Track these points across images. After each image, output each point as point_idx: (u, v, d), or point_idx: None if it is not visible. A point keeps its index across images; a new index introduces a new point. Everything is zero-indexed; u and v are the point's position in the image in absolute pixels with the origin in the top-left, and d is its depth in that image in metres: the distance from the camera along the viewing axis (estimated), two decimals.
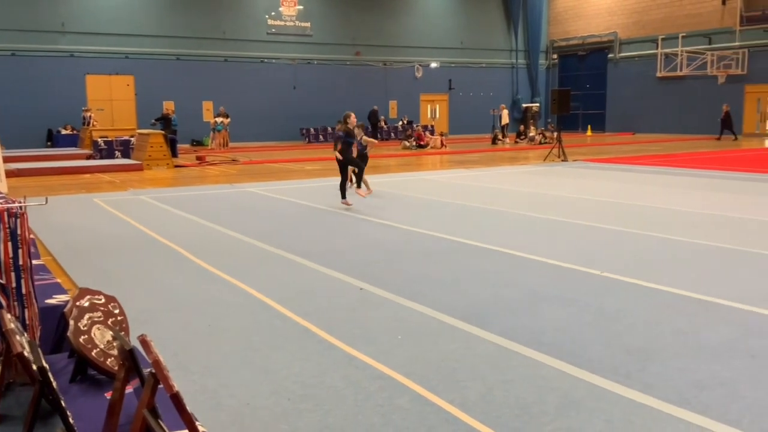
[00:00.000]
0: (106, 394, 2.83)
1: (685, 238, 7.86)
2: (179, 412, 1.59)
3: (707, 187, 12.84)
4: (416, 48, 35.44)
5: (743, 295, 5.42)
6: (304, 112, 32.02)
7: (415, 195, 12.30)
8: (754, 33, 30.75)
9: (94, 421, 2.60)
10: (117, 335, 2.44)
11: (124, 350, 2.18)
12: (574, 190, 12.71)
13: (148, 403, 1.78)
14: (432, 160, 21.82)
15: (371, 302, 5.45)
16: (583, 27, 38.29)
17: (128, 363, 2.14)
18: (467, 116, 36.70)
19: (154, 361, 1.74)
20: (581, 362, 4.08)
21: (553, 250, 7.29)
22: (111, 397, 2.29)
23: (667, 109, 33.93)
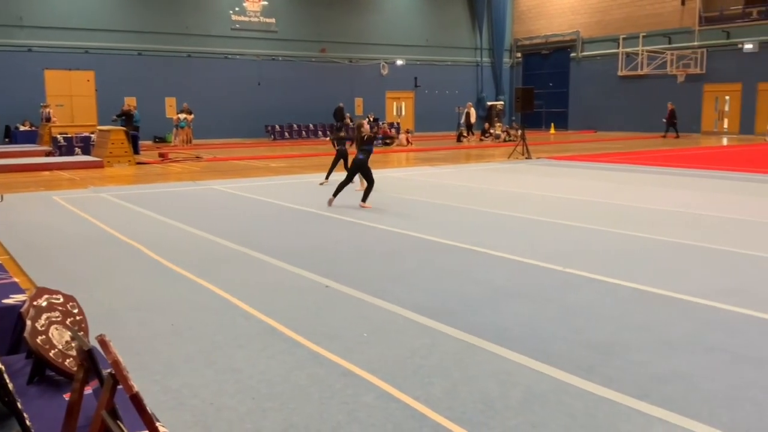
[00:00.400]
0: (64, 395, 2.77)
1: (647, 234, 8.00)
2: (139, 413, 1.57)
3: (668, 184, 13.10)
4: (382, 45, 35.46)
5: (702, 290, 5.54)
6: (269, 109, 31.79)
7: (380, 192, 12.30)
8: (713, 33, 31.48)
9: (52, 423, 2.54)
10: (75, 335, 2.38)
11: (83, 351, 2.14)
12: (538, 187, 12.85)
13: (107, 404, 1.75)
14: (398, 157, 21.86)
15: (337, 300, 5.44)
16: (546, 26, 38.75)
17: (87, 364, 2.09)
18: (433, 114, 36.86)
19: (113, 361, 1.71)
20: (545, 357, 4.12)
21: (517, 246, 7.36)
22: (69, 399, 2.24)
23: (628, 108, 34.53)
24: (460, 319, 4.88)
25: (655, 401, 3.50)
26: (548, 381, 3.78)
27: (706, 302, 5.21)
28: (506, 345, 4.34)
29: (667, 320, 4.81)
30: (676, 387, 3.68)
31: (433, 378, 3.83)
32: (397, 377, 3.84)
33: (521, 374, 3.88)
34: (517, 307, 5.19)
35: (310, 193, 12.37)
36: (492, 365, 4.02)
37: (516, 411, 3.41)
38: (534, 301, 5.34)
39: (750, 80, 30.20)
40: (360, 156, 10.40)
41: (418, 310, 5.10)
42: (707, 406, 3.43)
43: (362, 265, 6.63)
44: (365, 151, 10.40)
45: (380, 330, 4.68)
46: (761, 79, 29.60)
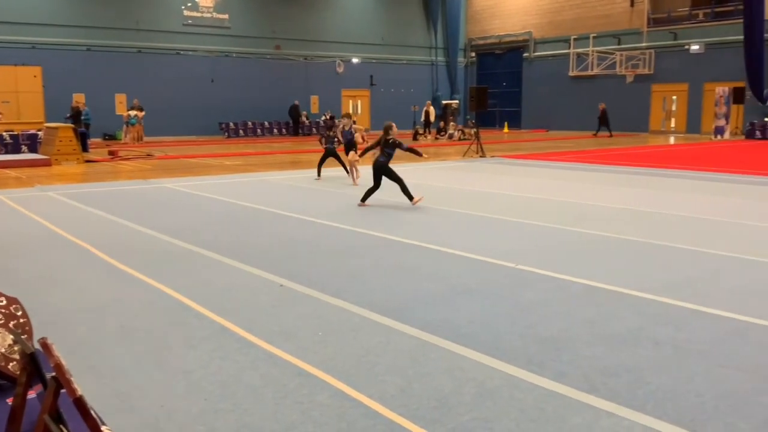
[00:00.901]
0: (7, 399, 2.69)
1: (596, 231, 8.17)
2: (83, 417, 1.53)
3: (617, 182, 13.40)
4: (337, 43, 35.38)
5: (649, 285, 5.69)
6: (223, 106, 31.41)
7: (335, 190, 12.29)
8: (660, 34, 32.31)
9: None
10: (18, 339, 2.32)
11: (25, 354, 2.08)
12: (492, 185, 13.00)
13: (51, 409, 1.70)
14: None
15: (292, 299, 5.41)
16: (500, 26, 39.21)
17: (30, 367, 2.04)
18: (388, 112, 36.84)
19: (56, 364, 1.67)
20: (497, 353, 4.18)
21: (471, 244, 7.43)
22: (12, 403, 2.17)
23: (579, 107, 35.19)
24: (414, 317, 4.90)
25: (603, 395, 3.58)
26: (501, 376, 3.83)
27: (653, 297, 5.35)
28: (460, 342, 4.38)
29: (616, 315, 4.92)
30: (624, 380, 3.77)
31: (387, 376, 3.84)
32: (351, 376, 3.84)
33: (474, 370, 3.92)
34: (470, 304, 5.25)
35: (265, 191, 12.27)
36: (446, 362, 4.06)
37: (469, 407, 3.45)
38: (487, 297, 5.40)
39: (696, 80, 31.10)
40: (381, 159, 10.30)
41: (373, 308, 5.11)
42: (653, 399, 3.53)
43: (317, 264, 6.60)
44: (387, 154, 10.31)
45: (335, 329, 4.67)
46: (707, 79, 30.51)
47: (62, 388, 1.68)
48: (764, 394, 3.56)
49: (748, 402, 3.48)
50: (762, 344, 4.33)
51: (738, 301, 5.25)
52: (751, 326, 4.67)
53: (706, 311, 5.00)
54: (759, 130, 27.41)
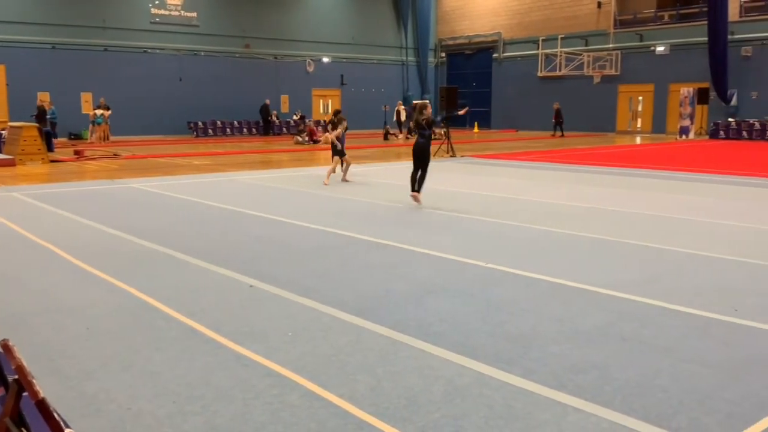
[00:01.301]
0: None
1: (564, 229, 8.27)
2: (45, 420, 1.51)
3: (584, 181, 13.57)
4: (308, 42, 35.25)
5: (615, 282, 5.77)
6: (191, 105, 31.09)
7: (306, 190, 12.25)
8: (627, 35, 32.80)
9: None
10: None
11: None
12: (462, 184, 13.08)
13: (12, 412, 1.67)
14: (325, 155, 21.77)
15: (261, 299, 5.38)
16: (469, 27, 39.44)
17: None
18: (359, 112, 36.87)
19: (17, 366, 1.63)
20: (466, 351, 4.20)
21: (441, 243, 7.46)
22: None
23: (548, 108, 35.51)
24: (384, 316, 4.91)
25: (571, 391, 3.62)
26: (470, 374, 3.86)
27: (620, 294, 5.43)
28: (430, 340, 4.40)
29: (583, 312, 4.99)
30: (591, 376, 3.82)
31: (357, 375, 3.84)
32: (321, 375, 3.83)
33: (444, 368, 3.94)
34: (440, 302, 5.27)
35: (234, 191, 12.18)
36: (416, 360, 4.07)
37: (438, 404, 3.46)
38: (457, 296, 5.43)
39: (662, 81, 31.63)
40: (420, 141, 10.01)
41: (343, 307, 5.11)
42: (620, 394, 3.58)
43: (287, 264, 6.57)
44: (424, 135, 10.00)
45: (305, 329, 4.65)
46: (672, 80, 31.04)
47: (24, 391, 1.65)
48: (727, 389, 3.64)
49: (712, 397, 3.55)
50: (725, 340, 4.42)
51: (702, 297, 5.35)
52: (714, 322, 4.77)
53: (671, 308, 5.08)
54: (723, 130, 27.98)
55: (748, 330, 4.61)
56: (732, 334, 4.54)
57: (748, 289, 5.61)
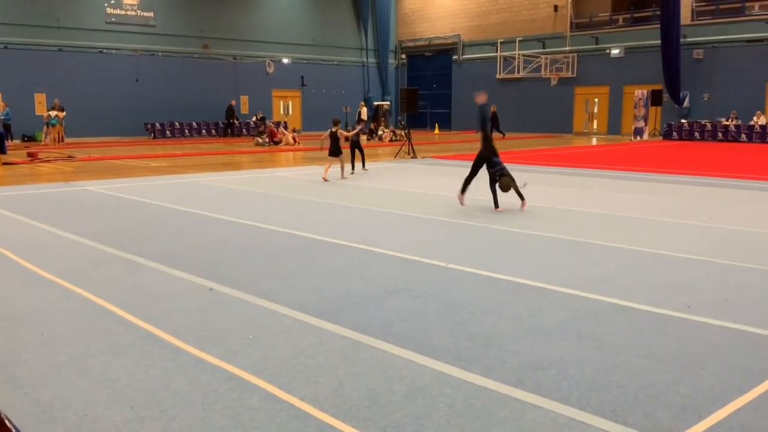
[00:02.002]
0: None
1: (523, 229, 8.38)
2: None
3: (542, 181, 13.76)
4: (267, 43, 35.03)
5: (572, 280, 5.88)
6: (148, 106, 30.61)
7: (267, 192, 12.17)
8: (583, 38, 33.39)
9: None
10: None
11: None
12: (423, 185, 13.15)
13: None
14: (286, 156, 21.67)
15: (221, 302, 5.32)
16: (429, 29, 39.68)
17: None
18: (320, 113, 36.78)
19: None
20: (427, 350, 4.23)
21: (402, 244, 7.49)
22: None
23: (506, 109, 35.93)
24: (346, 317, 4.91)
25: (529, 388, 3.68)
26: (431, 373, 3.89)
27: (576, 292, 5.53)
28: (391, 340, 4.42)
29: (541, 310, 5.06)
30: (549, 373, 3.88)
31: (318, 377, 3.84)
32: (282, 378, 3.82)
33: (405, 368, 3.96)
34: (402, 302, 5.29)
35: (193, 193, 12.03)
36: (377, 361, 4.08)
37: (400, 405, 3.48)
38: (418, 296, 5.46)
39: (617, 83, 32.28)
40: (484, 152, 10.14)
41: (304, 309, 5.09)
42: (577, 391, 3.65)
43: (248, 266, 6.52)
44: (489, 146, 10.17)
45: (266, 331, 4.63)
46: (627, 82, 31.70)
47: None
48: (681, 384, 3.73)
49: (666, 392, 3.64)
50: (678, 336, 4.53)
51: (656, 295, 5.48)
52: (668, 318, 4.89)
53: (626, 305, 5.20)
54: (676, 131, 28.67)
55: (700, 326, 4.74)
56: (685, 330, 4.66)
57: (701, 286, 5.76)
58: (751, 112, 27.40)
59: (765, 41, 27.79)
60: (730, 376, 3.82)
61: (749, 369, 3.93)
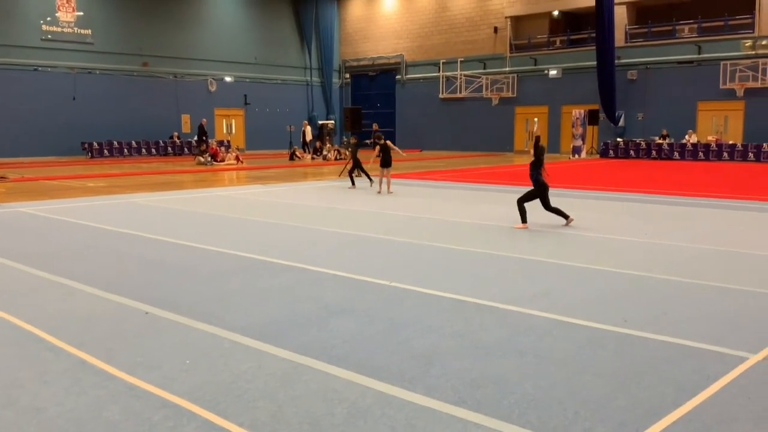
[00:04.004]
0: None
1: (465, 247, 8.44)
2: None
3: (484, 199, 13.94)
4: (209, 61, 34.68)
5: (513, 297, 5.93)
6: (86, 125, 29.84)
7: (208, 212, 11.94)
8: (522, 60, 34.18)
9: None
10: None
11: None
12: (366, 204, 13.14)
13: None
14: (228, 176, 21.38)
15: (158, 327, 5.17)
16: (373, 48, 39.99)
17: None
18: (264, 132, 36.55)
19: None
20: (370, 371, 4.19)
21: (345, 263, 7.45)
22: None
23: (449, 128, 36.50)
24: (287, 339, 4.83)
25: (471, 406, 3.67)
26: (373, 394, 3.84)
27: (517, 309, 5.58)
28: (333, 362, 4.36)
29: (483, 327, 5.09)
30: (490, 391, 3.89)
31: (258, 401, 3.75)
32: (220, 404, 3.71)
33: (347, 390, 3.91)
34: (344, 323, 5.24)
35: (132, 214, 11.72)
36: (319, 384, 4.01)
37: (341, 427, 3.42)
38: (361, 316, 5.42)
39: (555, 103, 33.11)
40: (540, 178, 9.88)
41: (244, 332, 4.99)
42: (517, 408, 3.66)
43: (186, 289, 6.36)
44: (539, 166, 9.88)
45: (204, 356, 4.50)
46: (565, 102, 32.55)
47: None
48: (619, 398, 3.79)
49: (605, 406, 3.68)
50: (616, 351, 4.61)
51: (594, 309, 5.58)
52: (606, 334, 4.97)
53: (565, 320, 5.27)
54: (612, 149, 29.52)
55: (637, 340, 4.84)
56: (622, 344, 4.75)
57: (638, 301, 5.90)
58: (683, 130, 28.47)
59: (694, 63, 29.00)
60: (665, 390, 3.90)
61: (684, 382, 4.02)
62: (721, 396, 3.79)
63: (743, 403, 3.68)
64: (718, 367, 4.24)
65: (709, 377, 4.06)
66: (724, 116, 28.72)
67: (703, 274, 6.87)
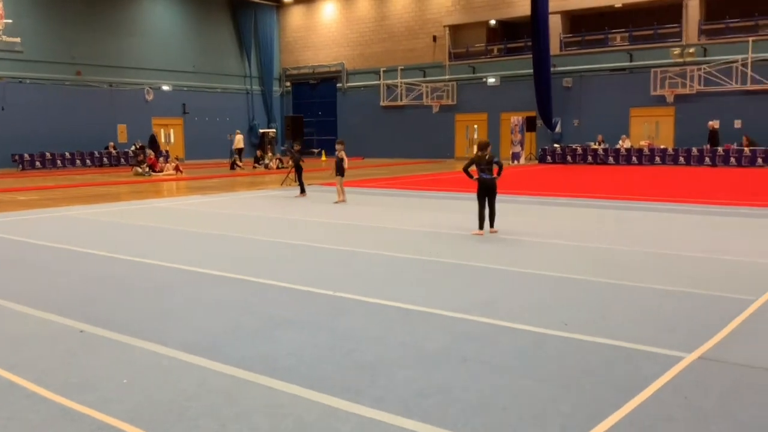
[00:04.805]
0: None
1: (407, 254, 8.46)
2: None
3: (426, 206, 14.04)
4: (146, 70, 33.93)
5: (456, 304, 5.97)
6: (16, 136, 28.76)
7: (147, 224, 11.64)
8: (461, 68, 34.65)
9: None
10: None
11: None
12: (308, 213, 13.05)
13: None
14: (168, 186, 20.93)
15: (94, 345, 4.99)
16: (313, 57, 39.89)
17: None
18: (204, 141, 35.96)
19: None
20: (315, 384, 4.14)
21: (289, 273, 7.36)
22: None
23: (391, 136, 36.67)
24: (230, 354, 4.73)
25: (418, 416, 3.66)
26: (319, 408, 3.79)
27: (460, 315, 5.62)
28: (277, 376, 4.29)
29: (427, 336, 5.10)
30: (436, 400, 3.89)
31: (200, 420, 3.65)
32: (160, 423, 3.60)
33: (292, 404, 3.85)
34: (288, 335, 5.17)
35: (65, 227, 11.32)
36: (263, 399, 3.94)
37: None
38: (305, 328, 5.36)
39: (494, 110, 33.67)
40: (485, 176, 10.10)
41: (185, 348, 4.86)
42: (463, 416, 3.67)
43: (124, 305, 6.17)
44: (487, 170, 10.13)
45: (143, 374, 4.37)
46: (503, 109, 33.14)
47: None
48: (561, 402, 3.85)
49: (548, 411, 3.73)
50: (557, 354, 4.69)
51: (535, 314, 5.67)
52: (547, 337, 5.05)
53: (507, 326, 5.33)
54: (550, 155, 30.18)
55: (577, 343, 4.93)
56: (563, 347, 4.83)
57: (576, 304, 6.02)
58: (617, 136, 29.34)
59: (626, 70, 29.96)
60: (606, 392, 3.98)
61: (622, 384, 4.11)
62: (658, 396, 3.89)
63: (680, 403, 3.79)
64: (654, 367, 4.35)
65: (646, 378, 4.17)
66: (655, 121, 29.75)
67: (639, 277, 7.06)
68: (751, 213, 12.24)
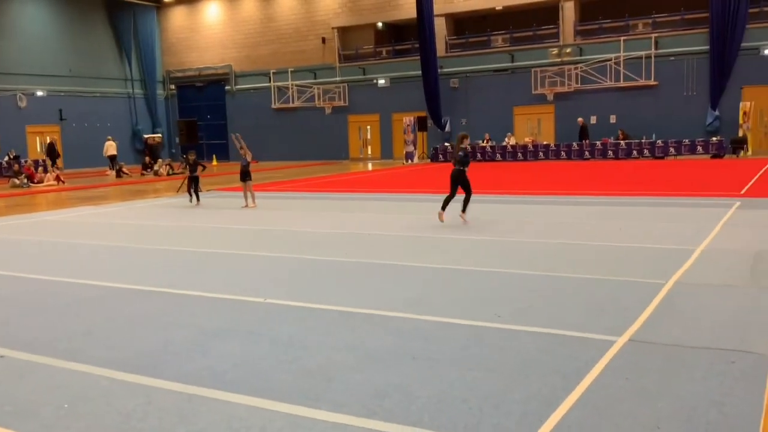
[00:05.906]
0: None
1: (329, 257, 8.46)
2: None
3: (329, 208, 14.05)
4: (17, 75, 31.79)
5: (390, 303, 6.04)
6: None
7: (38, 239, 10.94)
8: (351, 70, 34.87)
9: None
10: None
11: None
12: (211, 220, 12.73)
13: None
14: (53, 198, 19.72)
15: (19, 370, 4.66)
16: (198, 59, 38.84)
17: None
18: (84, 149, 34.12)
19: None
20: (270, 393, 4.08)
21: (211, 283, 7.17)
22: None
23: (284, 138, 36.32)
24: (170, 369, 4.56)
25: (381, 417, 3.70)
26: (281, 417, 3.75)
27: (399, 314, 5.69)
28: (228, 388, 4.19)
29: (372, 336, 5.14)
30: (396, 399, 3.94)
31: None
32: None
33: (253, 416, 3.77)
34: (227, 347, 5.05)
35: None
36: (219, 413, 3.84)
37: None
38: (244, 337, 5.25)
39: (386, 111, 34.14)
40: (459, 167, 10.83)
41: (120, 366, 4.64)
42: (426, 412, 3.74)
43: (41, 325, 5.79)
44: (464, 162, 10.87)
45: (82, 397, 4.13)
46: (394, 110, 33.67)
47: None
48: (514, 392, 4.00)
49: (504, 400, 3.87)
50: (496, 345, 4.86)
51: (467, 308, 5.84)
52: (484, 330, 5.22)
53: (445, 321, 5.47)
54: (441, 153, 30.95)
55: (513, 333, 5.13)
56: (501, 338, 5.02)
57: (503, 296, 6.26)
58: (502, 133, 30.55)
59: (509, 70, 31.24)
60: (552, 379, 4.18)
61: (565, 370, 4.32)
62: (602, 380, 4.13)
63: (623, 384, 4.05)
64: (591, 352, 4.61)
65: (586, 363, 4.41)
66: (537, 119, 31.23)
67: (552, 267, 7.42)
68: (636, 202, 13.13)
